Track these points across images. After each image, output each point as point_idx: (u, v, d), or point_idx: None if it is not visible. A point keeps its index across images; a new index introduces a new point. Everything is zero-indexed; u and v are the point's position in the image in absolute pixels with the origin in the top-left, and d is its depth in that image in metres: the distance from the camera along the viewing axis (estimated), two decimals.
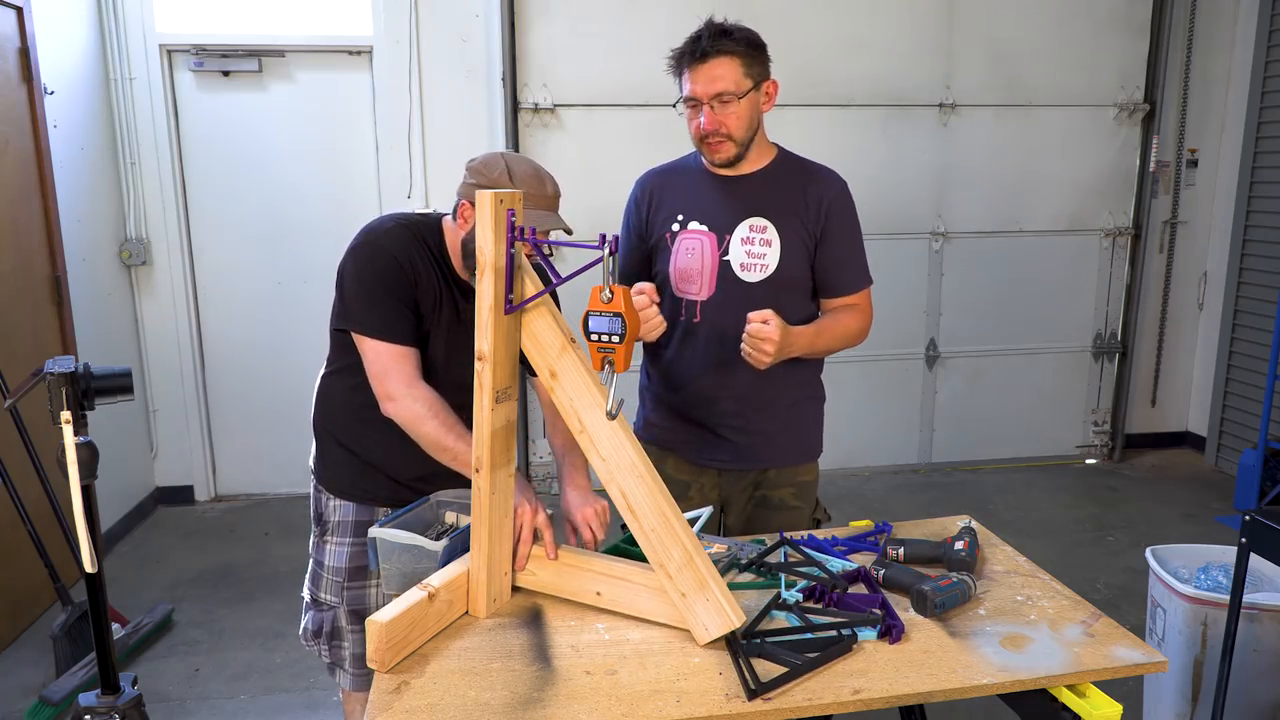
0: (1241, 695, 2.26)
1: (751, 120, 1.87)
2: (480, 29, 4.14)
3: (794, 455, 2.05)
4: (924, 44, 4.44)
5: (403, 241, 1.74)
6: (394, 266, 1.71)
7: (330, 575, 1.90)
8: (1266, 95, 4.49)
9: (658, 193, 2.00)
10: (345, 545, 1.89)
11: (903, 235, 4.62)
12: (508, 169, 1.67)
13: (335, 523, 1.90)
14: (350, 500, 1.89)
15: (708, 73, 1.81)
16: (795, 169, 1.97)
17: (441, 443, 1.66)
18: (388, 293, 1.70)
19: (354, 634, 1.90)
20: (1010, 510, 4.29)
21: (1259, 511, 1.94)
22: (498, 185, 1.64)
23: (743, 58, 1.83)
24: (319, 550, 1.92)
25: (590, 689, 1.33)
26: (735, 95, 1.81)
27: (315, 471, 1.94)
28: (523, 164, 1.71)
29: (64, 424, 1.53)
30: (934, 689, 1.33)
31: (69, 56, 3.72)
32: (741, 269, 1.90)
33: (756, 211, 1.91)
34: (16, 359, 3.09)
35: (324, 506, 1.92)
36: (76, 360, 1.58)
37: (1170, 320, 5.01)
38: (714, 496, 2.04)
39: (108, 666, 1.69)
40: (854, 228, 1.96)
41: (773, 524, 2.00)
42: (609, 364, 1.43)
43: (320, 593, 1.92)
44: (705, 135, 1.85)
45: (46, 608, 3.25)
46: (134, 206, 4.12)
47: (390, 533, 1.58)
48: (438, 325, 1.78)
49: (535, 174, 1.70)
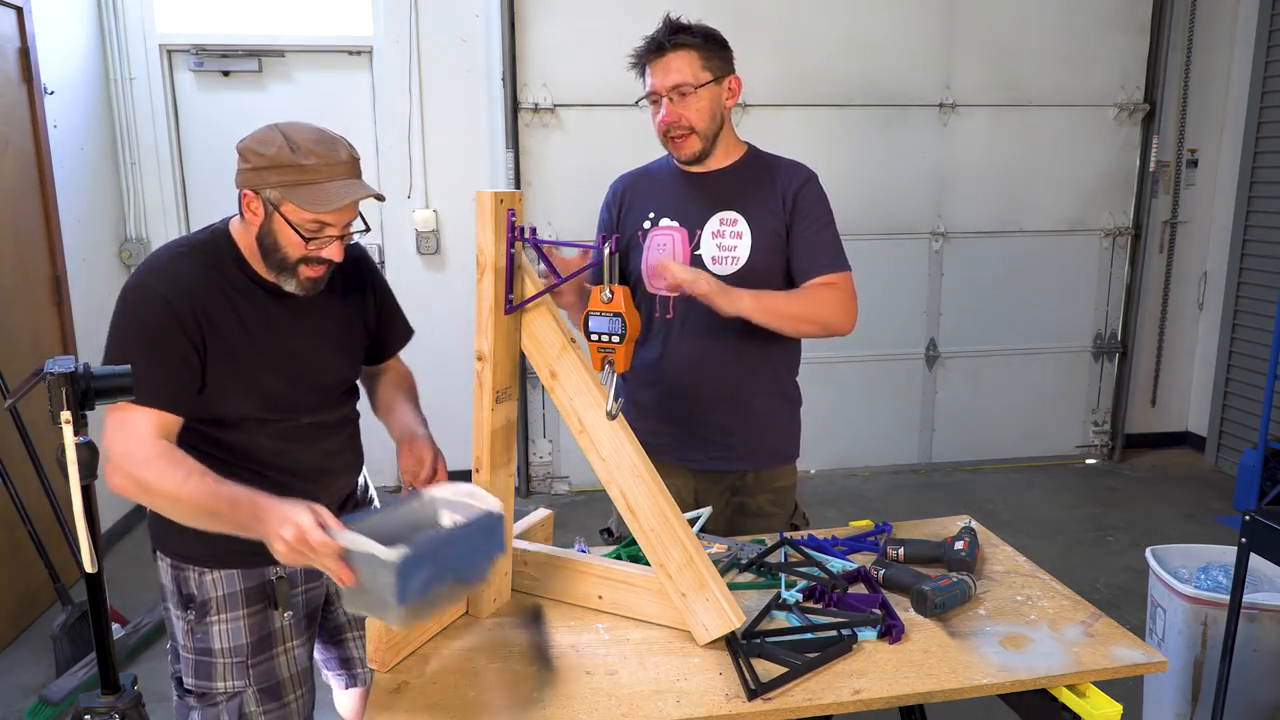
0: (1241, 695, 2.26)
1: (713, 114, 1.88)
2: (480, 29, 4.14)
3: (770, 458, 2.02)
4: (924, 44, 4.44)
5: (184, 280, 1.45)
6: (166, 316, 1.42)
7: (228, 659, 1.60)
8: (1266, 95, 4.49)
9: (629, 194, 2.02)
10: (239, 620, 1.59)
11: (903, 235, 4.62)
12: (286, 141, 1.41)
13: (219, 598, 1.58)
14: (234, 567, 1.58)
15: (664, 66, 1.84)
16: (764, 164, 1.99)
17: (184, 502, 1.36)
18: (153, 347, 1.41)
19: (268, 714, 1.63)
20: (1010, 510, 4.29)
21: (1259, 511, 1.94)
22: (278, 162, 1.39)
23: (700, 51, 1.84)
24: (201, 638, 1.59)
25: (590, 689, 1.33)
26: (693, 86, 1.83)
27: (169, 550, 1.61)
28: (303, 130, 1.44)
29: (64, 424, 1.53)
30: (934, 689, 1.33)
31: (69, 56, 3.72)
32: (713, 262, 1.90)
33: (726, 205, 1.92)
34: (16, 359, 3.10)
35: (194, 586, 1.59)
36: (76, 360, 1.58)
37: (1170, 320, 5.01)
38: (690, 501, 2.01)
39: (108, 666, 1.68)
40: (824, 216, 1.94)
41: (750, 531, 1.98)
42: (609, 364, 1.43)
43: (215, 684, 1.60)
44: (667, 129, 1.87)
45: (46, 608, 3.25)
46: (134, 206, 4.12)
47: (339, 534, 1.22)
48: (243, 363, 1.50)
49: (321, 138, 1.43)
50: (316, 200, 1.40)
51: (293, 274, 1.47)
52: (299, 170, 1.40)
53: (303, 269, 1.47)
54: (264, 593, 1.61)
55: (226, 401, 1.49)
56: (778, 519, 2.02)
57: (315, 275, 1.49)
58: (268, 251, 1.46)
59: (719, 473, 2.00)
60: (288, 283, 1.49)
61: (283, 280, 1.48)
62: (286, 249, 1.45)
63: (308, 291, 1.51)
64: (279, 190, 1.41)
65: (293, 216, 1.42)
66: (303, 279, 1.48)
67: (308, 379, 1.58)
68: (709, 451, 1.98)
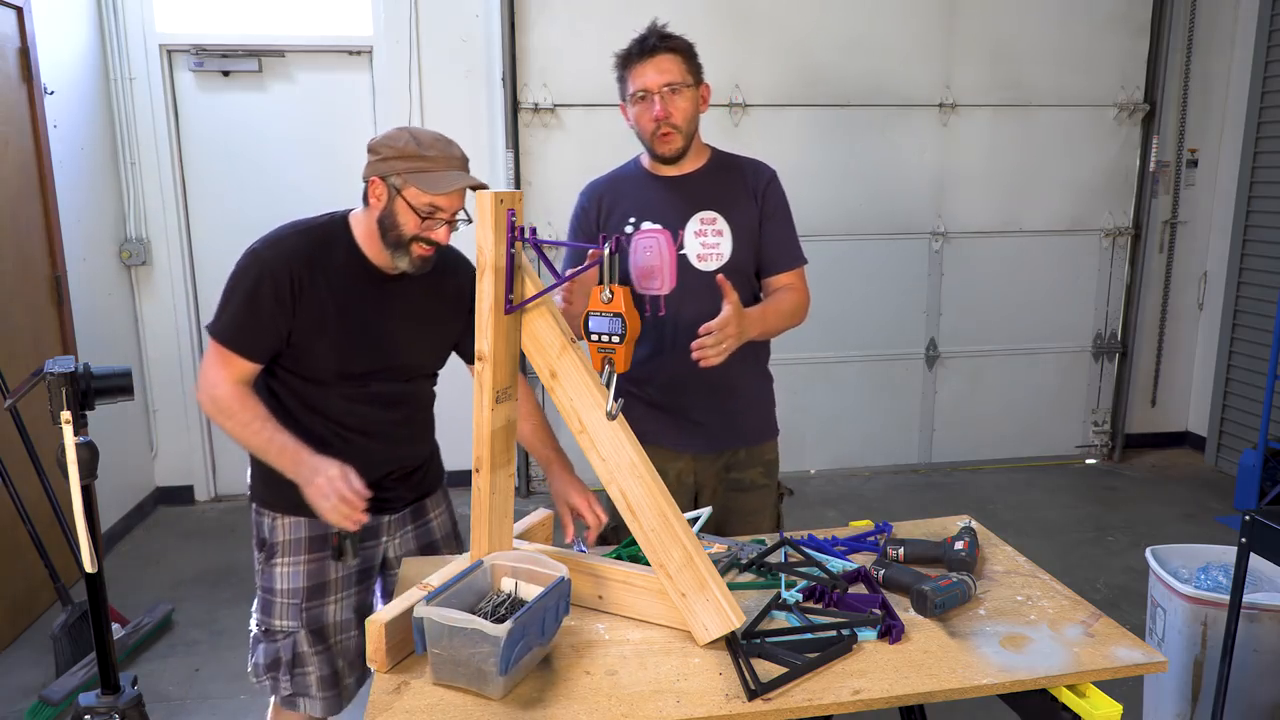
0: (1241, 695, 2.26)
1: (694, 116, 2.02)
2: (480, 29, 4.14)
3: (758, 434, 2.18)
4: (924, 44, 4.44)
5: (289, 253, 1.70)
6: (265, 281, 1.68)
7: (286, 599, 1.81)
8: (1266, 95, 4.49)
9: (607, 199, 2.11)
10: (299, 564, 1.81)
11: (903, 235, 4.63)
12: (412, 136, 1.66)
13: (285, 542, 1.81)
14: (301, 515, 1.74)
15: (657, 65, 1.96)
16: (730, 164, 2.13)
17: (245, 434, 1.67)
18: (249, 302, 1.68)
19: (319, 655, 1.82)
20: (1010, 510, 4.29)
21: (1259, 511, 1.94)
22: (405, 153, 1.63)
23: (684, 56, 1.99)
24: (267, 577, 1.83)
25: (590, 689, 1.33)
26: (683, 85, 1.97)
27: (254, 493, 1.86)
28: (425, 131, 1.70)
29: (64, 424, 1.53)
30: (934, 689, 1.33)
31: (69, 56, 3.72)
32: (698, 259, 2.03)
33: (704, 205, 2.05)
34: (16, 359, 3.09)
35: (268, 529, 1.83)
36: (76, 360, 1.58)
37: (1170, 320, 5.01)
38: (690, 481, 2.14)
39: (108, 666, 1.69)
40: (787, 212, 2.13)
41: (745, 505, 2.14)
42: (609, 364, 1.43)
43: (275, 621, 1.82)
44: (657, 125, 1.97)
45: (46, 608, 3.25)
46: (134, 206, 4.13)
47: (440, 612, 1.30)
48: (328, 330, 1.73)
49: (440, 137, 1.69)
50: (435, 184, 1.62)
51: (406, 251, 1.69)
52: (422, 160, 1.64)
53: (414, 247, 1.69)
54: (325, 543, 1.81)
55: (309, 359, 1.73)
56: (768, 490, 2.18)
57: (425, 254, 1.70)
58: (386, 230, 1.68)
59: (716, 453, 2.13)
60: (401, 260, 1.70)
61: (397, 258, 1.70)
62: (403, 228, 1.67)
63: (418, 269, 1.72)
64: (402, 177, 1.64)
65: (413, 199, 1.64)
66: (414, 257, 1.70)
67: (385, 355, 1.78)
68: (706, 435, 2.11)
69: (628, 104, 2.02)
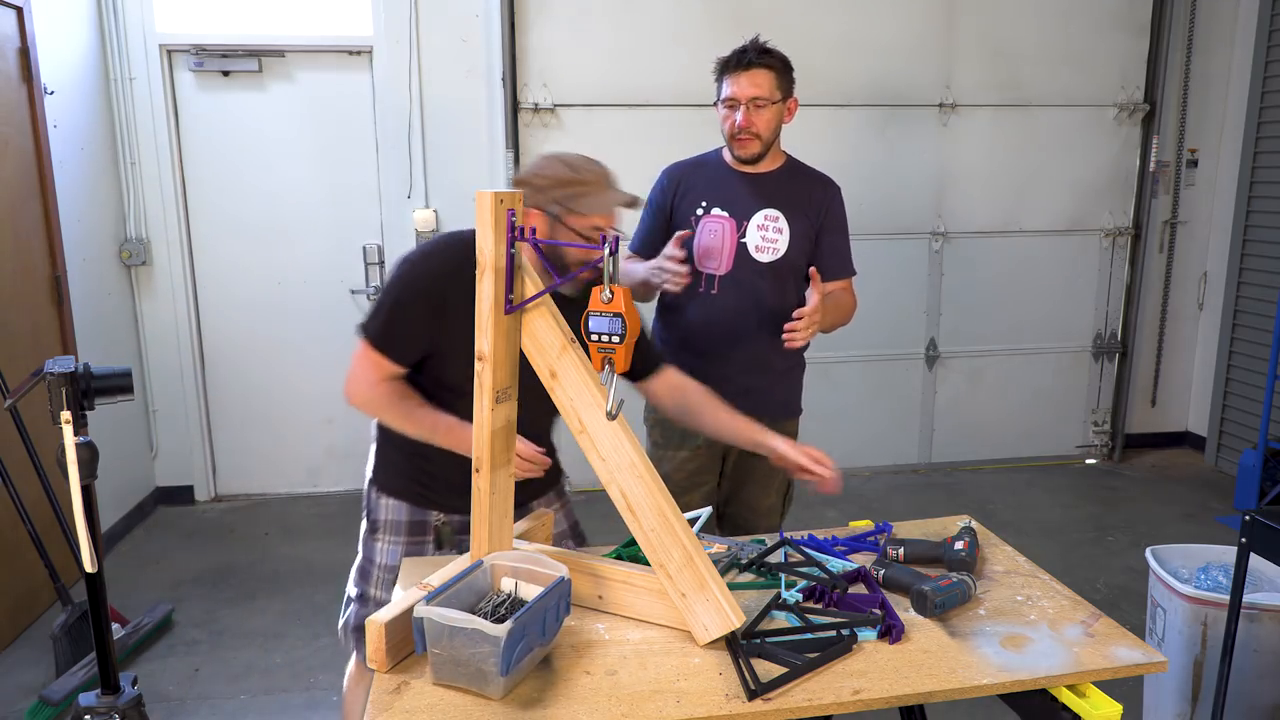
0: (1241, 695, 2.26)
1: (776, 127, 2.24)
2: (480, 29, 4.14)
3: (783, 411, 2.41)
4: (924, 44, 4.44)
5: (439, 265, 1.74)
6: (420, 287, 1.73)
7: (382, 573, 1.93)
8: (1266, 95, 4.49)
9: (685, 181, 2.33)
10: (398, 544, 1.93)
11: (903, 235, 4.63)
12: (565, 163, 1.71)
13: (387, 521, 1.93)
14: (404, 500, 1.92)
15: (749, 79, 2.17)
16: (802, 173, 2.35)
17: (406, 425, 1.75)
18: (399, 309, 1.73)
19: None
20: (1010, 510, 4.29)
21: (1259, 511, 1.94)
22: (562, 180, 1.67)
23: (778, 73, 2.19)
24: (369, 547, 1.95)
25: (590, 689, 1.33)
26: (768, 101, 2.18)
27: (374, 474, 1.98)
28: (572, 155, 1.76)
29: (64, 424, 1.53)
30: (934, 689, 1.33)
31: (69, 56, 3.72)
32: (756, 250, 2.26)
33: (771, 203, 2.26)
34: (16, 359, 3.10)
35: (375, 506, 1.95)
36: (76, 360, 1.58)
37: (1170, 320, 5.01)
38: (719, 446, 2.34)
39: (108, 666, 1.69)
40: (845, 225, 2.37)
41: (764, 467, 2.24)
42: (609, 364, 1.43)
43: (370, 589, 1.94)
44: (738, 132, 2.20)
45: (46, 608, 3.25)
46: (134, 206, 4.12)
47: (439, 612, 1.30)
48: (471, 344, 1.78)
49: (588, 159, 1.75)
50: (597, 206, 1.69)
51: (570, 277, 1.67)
52: (580, 185, 1.70)
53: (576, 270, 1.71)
54: (423, 529, 1.91)
55: (447, 367, 1.78)
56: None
57: (587, 278, 1.68)
58: (550, 259, 1.71)
59: None
60: (565, 286, 1.68)
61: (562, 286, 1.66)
62: (567, 253, 1.72)
63: (580, 291, 1.76)
64: (561, 205, 1.68)
65: (575, 224, 1.70)
66: (579, 280, 1.72)
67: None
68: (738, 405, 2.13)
69: (719, 105, 2.23)
